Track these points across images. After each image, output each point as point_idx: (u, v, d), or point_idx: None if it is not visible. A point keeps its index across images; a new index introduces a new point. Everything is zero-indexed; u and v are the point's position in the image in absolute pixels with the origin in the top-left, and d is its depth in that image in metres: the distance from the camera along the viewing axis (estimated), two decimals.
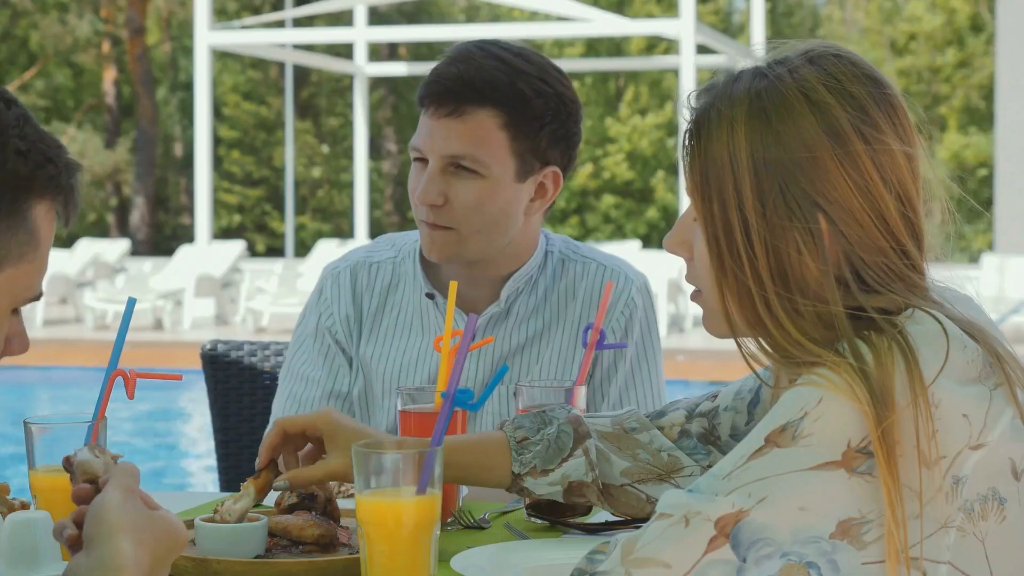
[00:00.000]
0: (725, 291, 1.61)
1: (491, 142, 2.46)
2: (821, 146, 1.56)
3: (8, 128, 1.43)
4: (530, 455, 1.96)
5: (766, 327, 1.59)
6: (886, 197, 1.58)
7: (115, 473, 1.55)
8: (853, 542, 1.49)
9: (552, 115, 2.49)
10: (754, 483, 1.49)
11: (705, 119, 1.61)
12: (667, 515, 1.51)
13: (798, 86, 1.59)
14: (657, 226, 32.08)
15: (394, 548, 1.72)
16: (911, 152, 1.60)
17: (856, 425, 1.49)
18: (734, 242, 1.58)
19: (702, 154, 1.61)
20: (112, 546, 1.46)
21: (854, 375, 1.50)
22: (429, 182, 2.48)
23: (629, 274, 2.62)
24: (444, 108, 2.47)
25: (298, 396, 2.62)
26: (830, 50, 1.63)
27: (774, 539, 1.48)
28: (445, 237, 2.49)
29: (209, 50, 17.73)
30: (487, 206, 2.48)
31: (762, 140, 1.57)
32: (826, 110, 1.57)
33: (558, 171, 2.54)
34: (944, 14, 32.76)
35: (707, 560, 1.49)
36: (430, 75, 2.51)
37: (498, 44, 2.52)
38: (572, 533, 2.12)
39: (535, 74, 2.48)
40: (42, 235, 1.48)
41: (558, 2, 17.45)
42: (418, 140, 2.51)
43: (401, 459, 1.72)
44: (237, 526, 1.92)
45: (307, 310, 2.67)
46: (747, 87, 1.60)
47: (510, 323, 2.59)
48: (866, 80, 1.61)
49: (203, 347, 3.09)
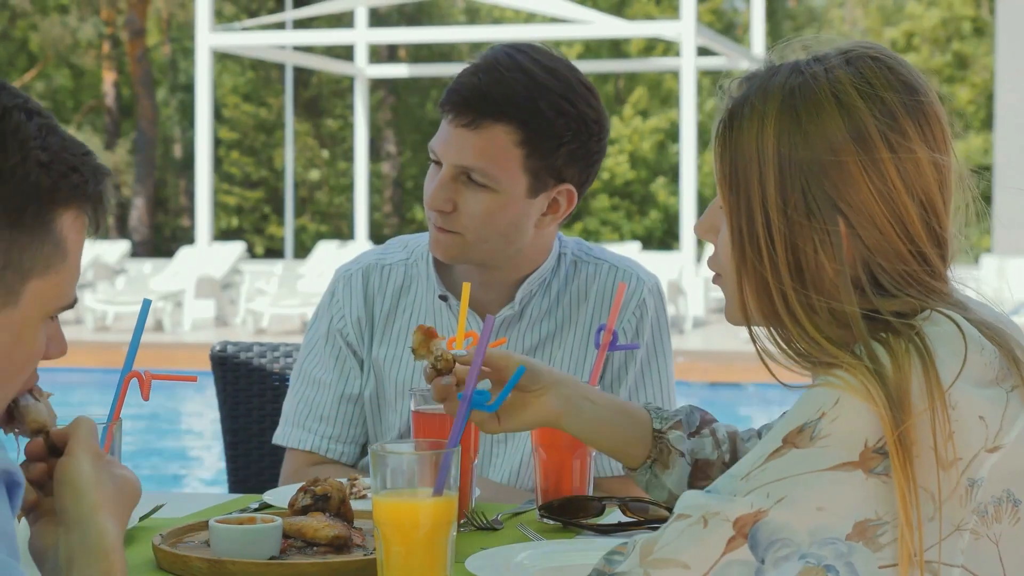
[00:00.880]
0: (744, 281, 1.63)
1: (505, 158, 2.44)
2: (846, 150, 1.57)
3: (29, 140, 1.43)
4: (669, 414, 2.07)
5: (782, 321, 1.60)
6: (909, 205, 1.58)
7: (78, 434, 1.56)
8: (869, 544, 1.49)
9: (572, 135, 2.45)
10: (772, 483, 1.50)
11: (739, 111, 1.63)
12: (685, 516, 1.51)
13: (831, 87, 1.59)
14: (656, 228, 32.08)
15: (410, 549, 1.72)
16: (941, 161, 1.60)
17: (873, 426, 1.49)
18: (755, 234, 1.60)
19: (732, 145, 1.62)
20: (97, 527, 1.49)
21: (870, 377, 1.50)
22: (440, 188, 2.46)
23: (641, 275, 2.62)
24: (462, 118, 2.44)
25: (310, 399, 2.62)
26: (869, 52, 1.63)
27: (792, 540, 1.48)
28: (450, 240, 2.48)
29: (210, 52, 17.74)
30: (495, 218, 2.46)
31: (790, 138, 1.58)
32: (855, 114, 1.58)
33: (573, 189, 2.51)
34: (944, 12, 32.76)
35: (725, 561, 1.49)
36: (454, 81, 2.47)
37: (529, 53, 2.46)
38: (585, 534, 2.13)
39: (559, 92, 2.44)
40: (70, 245, 1.48)
41: (558, 4, 17.45)
42: (436, 144, 2.49)
43: (418, 460, 1.72)
44: (251, 527, 1.93)
45: (319, 312, 2.67)
46: (782, 82, 1.61)
47: (523, 325, 2.59)
48: (900, 86, 1.60)
49: (212, 348, 3.09)
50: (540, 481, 2.24)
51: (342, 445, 2.61)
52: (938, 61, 32.59)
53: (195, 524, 2.06)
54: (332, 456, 2.60)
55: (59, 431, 1.59)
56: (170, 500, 2.31)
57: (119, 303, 16.95)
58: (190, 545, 1.99)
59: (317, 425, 2.61)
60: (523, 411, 1.99)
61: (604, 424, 2.02)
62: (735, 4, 36.69)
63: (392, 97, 34.33)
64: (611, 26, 18.29)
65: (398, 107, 34.70)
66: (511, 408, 1.99)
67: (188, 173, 33.82)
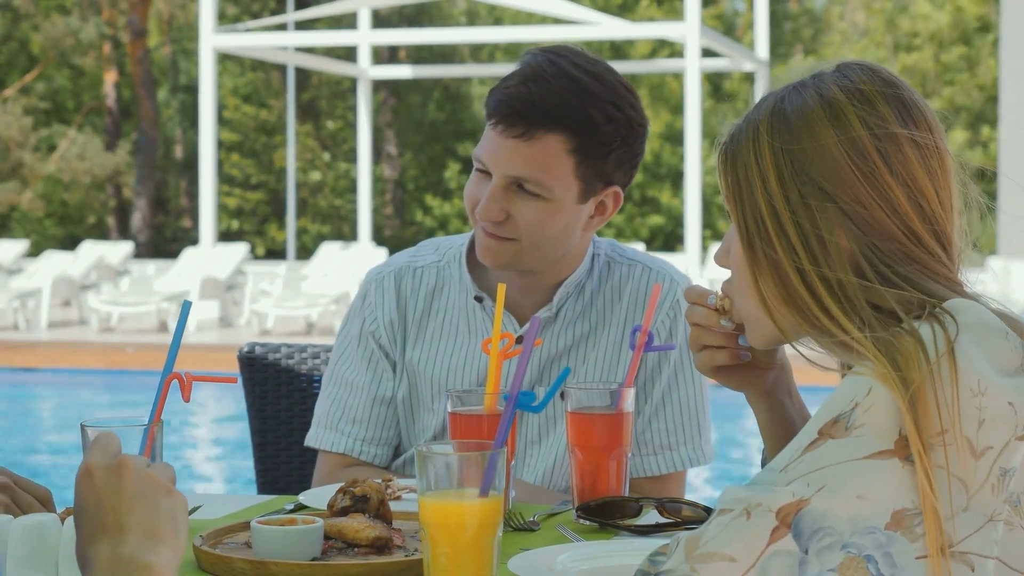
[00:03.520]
0: (759, 278, 1.67)
1: (557, 167, 2.44)
2: (830, 140, 1.64)
3: None
4: None
5: (806, 303, 1.63)
6: (894, 186, 1.63)
7: (90, 447, 1.46)
8: (906, 533, 1.50)
9: (620, 140, 2.47)
10: (812, 473, 1.50)
11: (737, 131, 1.73)
12: (728, 510, 1.52)
13: (815, 88, 1.69)
14: (660, 231, 32.09)
15: (457, 550, 1.72)
16: (922, 142, 1.65)
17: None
18: (764, 228, 1.66)
19: (732, 158, 1.71)
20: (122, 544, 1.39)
21: (888, 367, 1.52)
22: (491, 200, 2.46)
23: (675, 276, 2.63)
24: (514, 129, 2.43)
25: (343, 402, 2.62)
26: (858, 62, 1.73)
27: (835, 528, 1.49)
28: (503, 247, 2.49)
29: (214, 53, 17.74)
30: (548, 225, 2.47)
31: (781, 136, 1.67)
32: (836, 106, 1.66)
33: (619, 190, 2.54)
34: (950, 14, 32.76)
35: (771, 551, 1.49)
36: (501, 92, 2.46)
37: (570, 58, 2.47)
38: (623, 535, 2.13)
39: (606, 98, 2.45)
40: None
41: (560, 5, 17.44)
42: (483, 154, 2.48)
43: (465, 461, 1.72)
44: (294, 528, 1.93)
45: (351, 315, 2.67)
46: (774, 96, 1.72)
47: (557, 326, 2.59)
48: (879, 81, 1.69)
49: (241, 350, 3.09)
50: (576, 482, 2.24)
51: (375, 447, 2.61)
52: (942, 61, 32.59)
53: (235, 525, 2.06)
54: (365, 458, 2.61)
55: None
56: (206, 502, 2.31)
57: (123, 304, 16.96)
58: (231, 546, 2.00)
59: (350, 427, 2.61)
60: (747, 371, 1.99)
61: (786, 428, 2.02)
62: (736, 6, 36.70)
63: (393, 99, 34.32)
64: (615, 28, 18.29)
65: (399, 108, 34.69)
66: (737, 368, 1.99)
67: (189, 174, 33.83)
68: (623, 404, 2.23)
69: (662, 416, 2.59)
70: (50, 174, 32.42)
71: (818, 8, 37.29)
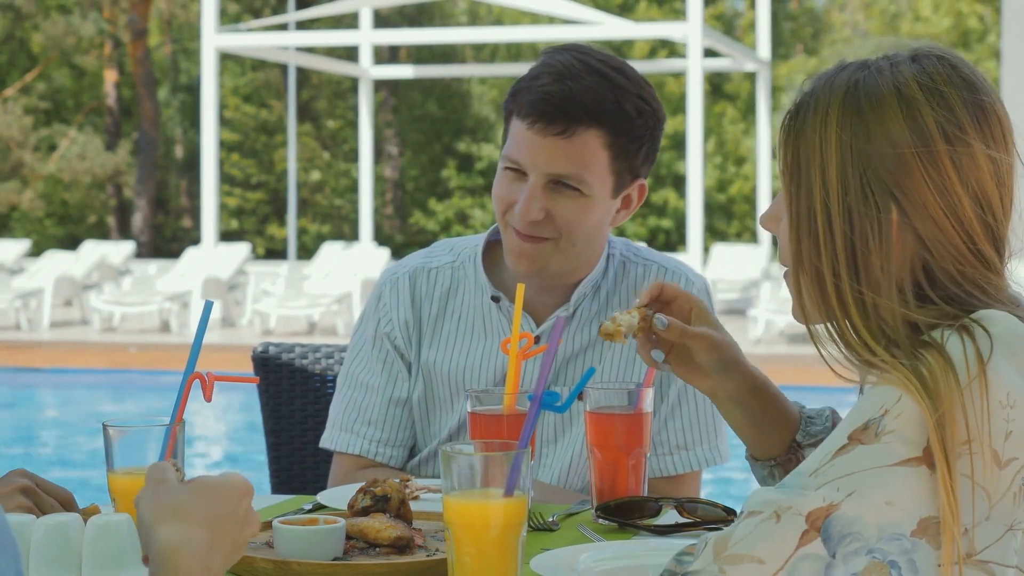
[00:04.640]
0: (800, 272, 1.66)
1: (595, 162, 2.46)
2: (903, 141, 1.60)
3: None
4: (816, 429, 2.07)
5: (835, 316, 1.62)
6: (962, 196, 1.60)
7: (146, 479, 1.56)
8: (931, 540, 1.50)
9: (649, 133, 2.50)
10: (841, 478, 1.51)
11: (806, 103, 1.67)
12: (757, 512, 1.52)
13: (893, 80, 1.63)
14: (661, 231, 32.09)
15: (481, 550, 1.72)
16: (997, 158, 1.62)
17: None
18: (814, 223, 1.63)
19: (796, 135, 1.66)
20: (155, 540, 1.48)
21: (914, 381, 1.52)
22: (531, 199, 2.47)
23: (690, 276, 2.63)
24: (554, 127, 2.44)
25: (358, 403, 2.63)
26: (935, 51, 1.67)
27: (863, 534, 1.49)
28: (538, 249, 2.50)
29: (216, 53, 17.74)
30: (584, 221, 2.49)
31: (851, 127, 1.62)
32: (913, 106, 1.61)
33: (644, 182, 2.57)
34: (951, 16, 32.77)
35: (799, 555, 1.49)
36: (537, 91, 2.45)
37: (595, 55, 2.48)
38: (643, 535, 2.13)
39: (634, 91, 2.47)
40: None
41: (563, 5, 17.44)
42: (517, 154, 2.48)
43: (489, 461, 1.72)
44: (316, 528, 1.93)
45: (365, 316, 2.67)
46: (848, 76, 1.66)
47: (573, 326, 2.60)
48: (960, 83, 1.64)
49: (254, 350, 3.09)
50: (595, 481, 2.24)
51: (390, 449, 2.61)
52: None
53: None
54: (380, 460, 2.61)
55: None
56: None
57: (125, 304, 16.96)
58: (253, 546, 1.99)
59: (365, 429, 2.61)
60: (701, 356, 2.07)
61: (758, 405, 2.06)
62: (736, 6, 36.71)
63: (393, 99, 34.33)
64: (618, 28, 18.29)
65: (399, 108, 34.69)
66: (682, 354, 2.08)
67: (189, 174, 33.83)
68: (642, 404, 2.23)
69: (679, 416, 2.59)
70: (50, 174, 32.43)
71: (818, 8, 37.30)
